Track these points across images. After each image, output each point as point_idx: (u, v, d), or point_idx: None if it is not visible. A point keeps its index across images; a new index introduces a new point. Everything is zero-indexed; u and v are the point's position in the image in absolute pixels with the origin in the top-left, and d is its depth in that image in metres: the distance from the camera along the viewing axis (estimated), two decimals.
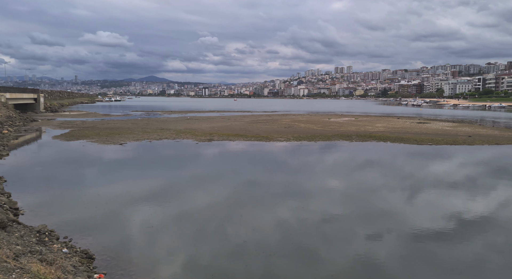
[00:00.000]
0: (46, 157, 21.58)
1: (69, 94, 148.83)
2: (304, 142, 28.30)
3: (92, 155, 22.17)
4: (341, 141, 29.05)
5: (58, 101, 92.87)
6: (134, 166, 19.27)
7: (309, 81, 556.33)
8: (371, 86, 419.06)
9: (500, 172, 18.81)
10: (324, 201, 13.54)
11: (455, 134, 33.01)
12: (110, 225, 10.80)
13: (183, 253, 9.06)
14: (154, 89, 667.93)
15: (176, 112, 73.28)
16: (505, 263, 8.71)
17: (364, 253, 9.05)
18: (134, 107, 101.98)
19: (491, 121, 53.63)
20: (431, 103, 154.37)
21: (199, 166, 19.74)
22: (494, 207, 13.00)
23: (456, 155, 24.15)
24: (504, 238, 10.20)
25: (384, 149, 25.74)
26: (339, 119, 52.20)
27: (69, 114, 62.06)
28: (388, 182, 16.59)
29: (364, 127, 39.86)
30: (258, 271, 8.19)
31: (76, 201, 12.85)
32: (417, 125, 42.52)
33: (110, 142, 27.48)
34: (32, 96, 60.32)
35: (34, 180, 15.91)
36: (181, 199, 13.53)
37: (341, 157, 23.17)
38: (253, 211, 12.20)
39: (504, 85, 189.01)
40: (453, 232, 10.56)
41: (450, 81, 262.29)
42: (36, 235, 8.95)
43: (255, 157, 22.88)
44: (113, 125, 40.74)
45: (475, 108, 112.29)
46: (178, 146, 26.34)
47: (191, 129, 36.74)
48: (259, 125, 43.30)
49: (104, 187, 14.81)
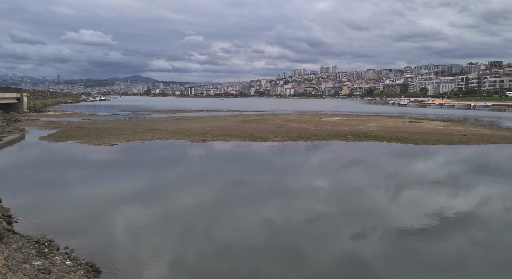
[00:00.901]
0: (34, 159, 20.56)
1: (52, 93, 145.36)
2: (300, 142, 27.87)
3: (83, 157, 21.27)
4: (337, 141, 28.72)
5: (41, 101, 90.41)
6: (129, 168, 18.51)
7: (295, 80, 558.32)
8: (357, 86, 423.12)
9: (502, 171, 18.72)
10: (326, 201, 13.09)
11: (449, 134, 33.09)
12: (112, 231, 10.12)
13: (198, 262, 8.47)
14: (139, 88, 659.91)
15: (164, 112, 72.10)
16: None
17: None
18: (120, 107, 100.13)
19: (481, 120, 54.24)
20: (416, 103, 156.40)
21: (195, 167, 19.09)
22: (505, 206, 12.78)
23: (455, 154, 24.12)
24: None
25: (381, 148, 25.52)
26: (330, 119, 52.04)
27: (54, 114, 60.31)
28: (388, 182, 16.26)
29: (357, 126, 39.71)
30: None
31: (71, 206, 12.09)
32: (409, 124, 42.62)
33: (100, 143, 26.54)
34: (15, 95, 58.30)
35: (24, 184, 15.01)
36: (183, 203, 12.90)
37: (339, 157, 22.84)
38: (260, 212, 11.66)
39: (486, 85, 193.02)
40: (473, 232, 10.24)
41: (433, 81, 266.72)
42: (35, 246, 8.22)
43: (252, 157, 22.34)
44: (101, 126, 39.60)
45: (460, 107, 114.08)
46: (172, 147, 25.59)
47: (182, 130, 35.96)
48: (251, 125, 42.76)
49: (99, 191, 14.04)
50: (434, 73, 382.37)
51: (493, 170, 19.30)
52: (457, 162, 21.36)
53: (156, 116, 58.19)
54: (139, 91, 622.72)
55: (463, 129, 37.29)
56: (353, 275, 8.01)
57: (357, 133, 32.72)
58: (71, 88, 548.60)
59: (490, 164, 21.13)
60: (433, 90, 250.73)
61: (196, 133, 32.95)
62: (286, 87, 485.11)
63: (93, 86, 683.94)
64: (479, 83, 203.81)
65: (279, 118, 53.13)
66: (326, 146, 26.64)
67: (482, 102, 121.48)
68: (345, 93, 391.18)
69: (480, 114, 74.13)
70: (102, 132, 33.09)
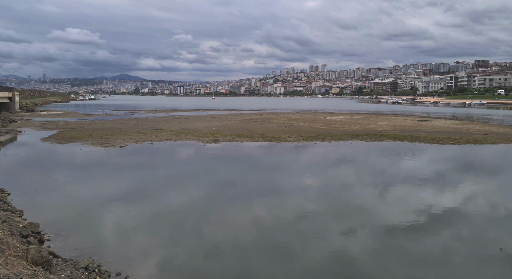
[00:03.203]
0: (43, 164, 18.85)
1: (40, 93, 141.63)
2: (318, 142, 26.68)
3: (96, 160, 19.70)
4: (354, 141, 27.58)
5: (31, 100, 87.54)
6: (152, 173, 17.05)
7: (285, 79, 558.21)
8: (346, 85, 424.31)
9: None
10: (372, 208, 11.93)
11: (467, 133, 32.21)
12: (163, 250, 8.76)
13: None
14: (127, 87, 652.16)
15: (160, 112, 70.32)
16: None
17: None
18: (113, 106, 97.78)
19: (489, 119, 53.27)
20: (410, 101, 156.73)
21: (220, 171, 17.71)
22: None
23: (492, 155, 22.92)
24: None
25: (407, 149, 24.24)
26: (335, 118, 51.04)
27: (47, 114, 58.01)
28: (438, 187, 15.13)
29: (368, 125, 38.74)
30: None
31: (102, 219, 10.69)
32: (420, 123, 41.75)
33: (108, 144, 24.98)
34: (7, 95, 55.74)
35: (40, 192, 13.47)
36: (229, 212, 11.57)
37: (369, 159, 21.39)
38: (311, 220, 10.44)
39: (476, 83, 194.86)
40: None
41: (423, 80, 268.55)
42: (85, 274, 6.85)
43: (275, 159, 21.06)
44: (101, 126, 37.88)
45: (455, 105, 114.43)
46: (185, 149, 24.18)
47: (188, 130, 34.52)
48: (256, 124, 41.50)
49: (129, 201, 12.63)
50: (423, 71, 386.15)
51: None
52: (500, 164, 20.19)
53: (154, 116, 56.47)
54: (128, 90, 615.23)
55: (479, 128, 36.46)
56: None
57: (371, 133, 31.68)
58: (57, 87, 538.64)
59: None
60: (422, 88, 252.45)
61: (204, 133, 31.56)
62: (276, 86, 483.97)
63: (80, 85, 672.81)
64: (468, 82, 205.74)
65: (282, 118, 51.93)
66: (347, 146, 25.44)
67: (477, 100, 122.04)
68: (335, 92, 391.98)
69: (481, 112, 73.61)
70: (106, 133, 31.45)
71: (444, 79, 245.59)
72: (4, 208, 10.34)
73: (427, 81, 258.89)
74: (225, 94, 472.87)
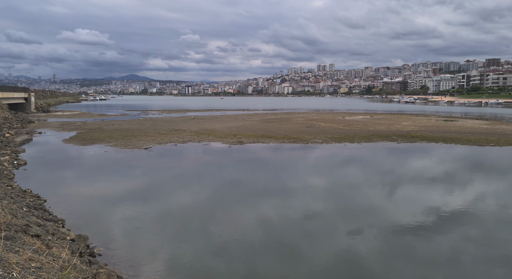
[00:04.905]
0: (72, 167, 18.18)
1: (52, 93, 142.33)
2: (347, 144, 25.78)
3: (125, 163, 19.04)
4: (385, 142, 26.59)
5: (44, 101, 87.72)
6: (190, 177, 16.36)
7: (292, 79, 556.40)
8: (355, 84, 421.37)
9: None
10: (433, 219, 11.07)
11: (502, 133, 30.94)
12: (228, 265, 8.02)
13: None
14: (136, 88, 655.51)
15: (174, 112, 69.84)
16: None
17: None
18: (125, 106, 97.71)
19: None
20: (423, 100, 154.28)
21: (254, 173, 16.97)
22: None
23: None
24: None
25: (447, 152, 22.95)
26: (354, 118, 50.02)
27: (63, 114, 57.77)
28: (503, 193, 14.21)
29: (392, 126, 37.71)
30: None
31: (149, 231, 9.99)
32: (447, 123, 40.52)
33: (132, 146, 24.38)
34: (23, 95, 55.58)
35: (75, 198, 12.80)
36: (276, 215, 10.80)
37: (410, 162, 20.11)
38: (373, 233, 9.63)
39: (489, 82, 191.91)
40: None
41: (434, 79, 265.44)
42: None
43: (309, 161, 20.24)
44: (119, 127, 37.37)
45: (471, 105, 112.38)
46: (212, 151, 23.47)
47: (208, 130, 33.85)
48: (275, 124, 40.71)
49: (171, 208, 11.94)
50: (432, 70, 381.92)
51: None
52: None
53: (168, 116, 55.94)
54: (136, 91, 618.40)
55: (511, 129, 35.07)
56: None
57: (399, 134, 30.66)
58: (67, 88, 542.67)
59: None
60: (433, 87, 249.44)
61: (225, 134, 30.86)
62: (283, 85, 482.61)
63: (89, 85, 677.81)
64: (481, 81, 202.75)
65: (300, 118, 51.05)
66: (380, 148, 24.37)
67: (494, 99, 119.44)
68: (344, 91, 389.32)
69: (504, 112, 71.46)
70: (126, 134, 30.90)
71: (455, 78, 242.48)
72: (46, 217, 9.69)
73: (438, 80, 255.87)
74: (232, 94, 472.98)
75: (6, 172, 15.05)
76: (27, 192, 12.34)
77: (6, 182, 12.66)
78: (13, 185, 12.81)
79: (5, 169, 15.55)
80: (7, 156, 18.28)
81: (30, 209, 9.60)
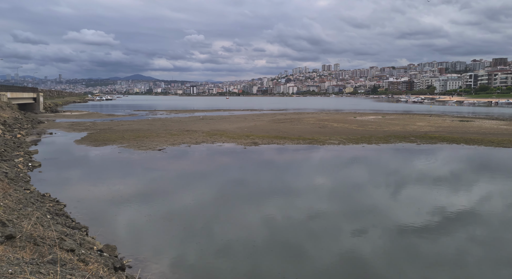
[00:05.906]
0: (87, 169, 17.70)
1: (58, 93, 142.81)
2: (365, 145, 25.14)
3: (141, 165, 18.54)
4: (404, 143, 25.87)
5: (51, 101, 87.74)
6: (211, 181, 15.85)
7: (297, 79, 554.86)
8: (360, 84, 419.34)
9: None
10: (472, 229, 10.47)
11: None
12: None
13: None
14: (141, 88, 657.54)
15: (181, 112, 69.51)
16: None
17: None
18: (131, 106, 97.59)
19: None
20: (431, 100, 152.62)
21: (277, 176, 16.43)
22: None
23: None
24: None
25: (474, 154, 22.15)
26: (366, 118, 49.30)
27: (71, 114, 57.56)
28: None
29: (407, 126, 36.98)
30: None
31: (184, 237, 9.48)
32: (463, 124, 39.70)
33: (145, 147, 23.93)
34: (32, 95, 55.42)
35: (95, 202, 12.32)
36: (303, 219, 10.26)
37: (439, 165, 18.93)
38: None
39: (497, 82, 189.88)
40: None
41: (440, 78, 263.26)
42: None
43: (331, 164, 19.66)
44: (129, 127, 36.98)
45: (481, 104, 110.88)
46: (227, 152, 22.95)
47: (219, 131, 33.36)
48: (287, 125, 40.14)
49: (198, 213, 11.43)
50: (438, 70, 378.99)
51: None
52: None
53: (177, 116, 55.55)
54: (141, 91, 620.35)
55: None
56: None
57: (417, 135, 29.95)
58: (73, 88, 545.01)
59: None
60: (440, 87, 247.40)
61: (238, 135, 30.36)
62: (288, 85, 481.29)
63: (95, 85, 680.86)
64: (489, 80, 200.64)
65: (310, 118, 50.43)
66: (401, 150, 23.55)
67: (505, 99, 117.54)
68: (349, 91, 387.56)
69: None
70: (137, 134, 30.49)
71: (462, 78, 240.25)
72: (69, 224, 9.20)
73: (445, 80, 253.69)
74: (237, 94, 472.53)
75: (22, 174, 14.63)
76: (45, 196, 11.88)
77: (24, 186, 12.21)
78: (30, 188, 12.36)
79: (20, 171, 15.12)
80: (21, 158, 17.87)
81: (53, 215, 9.14)
